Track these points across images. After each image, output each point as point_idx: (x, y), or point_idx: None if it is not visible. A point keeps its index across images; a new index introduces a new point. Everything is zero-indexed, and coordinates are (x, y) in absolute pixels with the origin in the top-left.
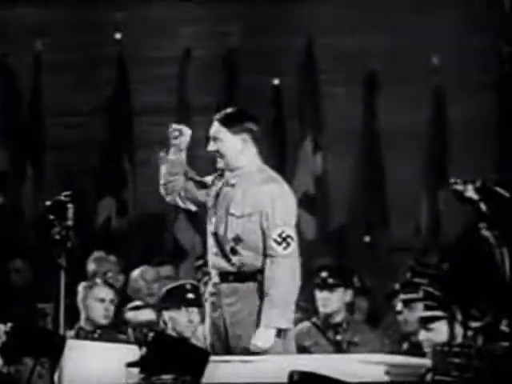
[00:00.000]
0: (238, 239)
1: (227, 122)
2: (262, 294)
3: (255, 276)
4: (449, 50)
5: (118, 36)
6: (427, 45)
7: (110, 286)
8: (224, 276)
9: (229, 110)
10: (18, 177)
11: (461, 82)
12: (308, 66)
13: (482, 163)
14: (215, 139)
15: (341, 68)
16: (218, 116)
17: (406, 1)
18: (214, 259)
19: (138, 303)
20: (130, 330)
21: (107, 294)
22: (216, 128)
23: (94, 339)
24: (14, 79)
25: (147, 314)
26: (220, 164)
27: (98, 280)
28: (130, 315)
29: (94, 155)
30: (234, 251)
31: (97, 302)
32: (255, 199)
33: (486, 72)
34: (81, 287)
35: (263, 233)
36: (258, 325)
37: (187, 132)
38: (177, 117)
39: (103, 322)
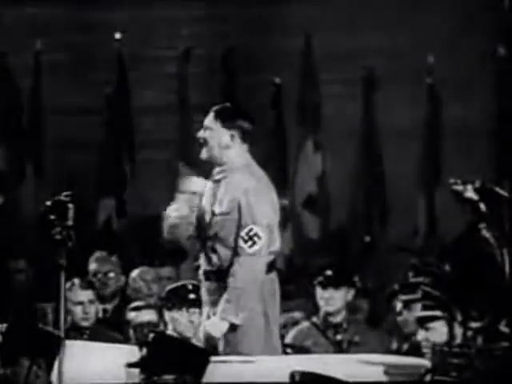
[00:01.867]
0: (216, 237)
1: (221, 115)
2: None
3: None
4: (447, 49)
5: (117, 36)
6: (426, 44)
7: (89, 286)
8: (207, 274)
9: (227, 105)
10: (17, 177)
11: (459, 81)
12: (307, 66)
13: (479, 163)
14: (206, 128)
15: (340, 68)
16: (215, 107)
17: (404, 0)
18: (200, 258)
19: (139, 303)
20: (131, 331)
21: (85, 295)
22: (210, 118)
23: (84, 340)
24: (14, 79)
25: (148, 315)
26: (204, 154)
27: (76, 281)
28: (131, 315)
29: (94, 155)
30: (213, 249)
31: (75, 305)
32: (232, 197)
33: (484, 71)
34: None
35: (237, 231)
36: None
37: None
38: (177, 116)
39: (84, 324)
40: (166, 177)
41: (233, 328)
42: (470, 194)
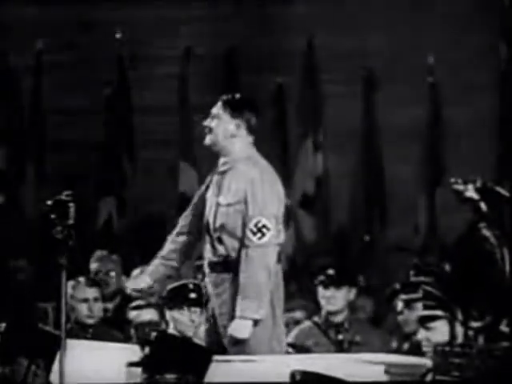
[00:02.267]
0: (223, 228)
1: (229, 104)
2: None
3: (238, 266)
4: (448, 49)
5: (118, 36)
6: (426, 44)
7: (94, 284)
8: (212, 266)
9: (236, 95)
10: (18, 176)
11: (459, 81)
12: (308, 66)
13: (480, 163)
14: (213, 116)
15: (341, 68)
16: (224, 96)
17: (405, 0)
18: (205, 250)
19: (140, 302)
20: (132, 330)
21: (91, 293)
22: (218, 106)
23: (86, 339)
24: (15, 79)
25: (149, 314)
26: (207, 141)
27: (81, 279)
28: (133, 314)
29: (94, 155)
30: (220, 240)
31: (80, 302)
32: (238, 188)
33: (484, 71)
34: (69, 287)
35: (244, 222)
36: (233, 315)
37: None
38: (177, 116)
39: (89, 321)
40: (165, 177)
41: (255, 324)
42: (471, 193)
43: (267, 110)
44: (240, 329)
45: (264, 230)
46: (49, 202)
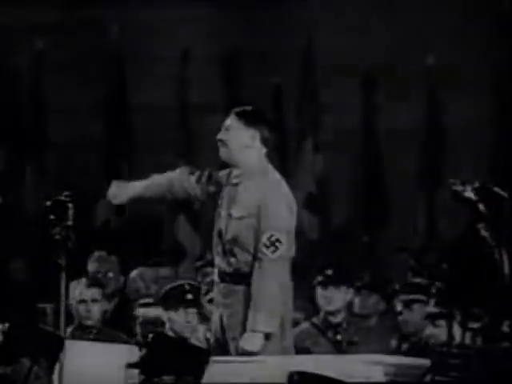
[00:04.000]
0: (234, 240)
1: (242, 115)
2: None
3: (250, 279)
4: (447, 49)
5: (117, 35)
6: (426, 45)
7: (93, 285)
8: (222, 276)
9: (248, 107)
10: (17, 176)
11: (459, 81)
12: (308, 66)
13: (479, 163)
14: (226, 128)
15: (340, 68)
16: (236, 109)
17: (405, 1)
18: (216, 258)
19: (148, 300)
20: (137, 327)
21: (90, 294)
22: (231, 118)
23: (89, 339)
24: (14, 79)
25: (157, 312)
26: (223, 154)
27: (83, 280)
28: (141, 311)
29: (94, 155)
30: (231, 252)
31: (79, 303)
32: (251, 201)
33: (484, 71)
34: (71, 287)
35: (256, 235)
36: (245, 329)
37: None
38: (176, 116)
39: (88, 322)
40: None
41: (267, 337)
42: (470, 194)
43: (267, 110)
44: (251, 341)
45: (277, 244)
46: (48, 203)
